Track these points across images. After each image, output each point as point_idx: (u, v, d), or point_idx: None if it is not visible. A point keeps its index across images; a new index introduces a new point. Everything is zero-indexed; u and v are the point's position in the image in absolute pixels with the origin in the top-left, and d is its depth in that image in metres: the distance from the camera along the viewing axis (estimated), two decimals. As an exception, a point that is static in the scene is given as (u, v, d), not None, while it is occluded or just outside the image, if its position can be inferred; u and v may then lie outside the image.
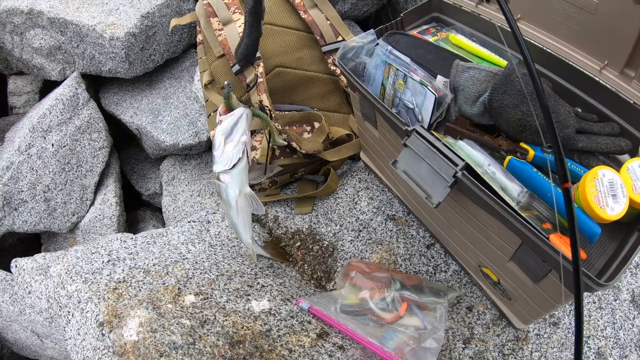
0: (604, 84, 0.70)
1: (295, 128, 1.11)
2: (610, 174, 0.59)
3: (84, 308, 0.74)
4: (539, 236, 0.56)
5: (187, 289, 0.79)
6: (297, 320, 0.79)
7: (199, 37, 1.19)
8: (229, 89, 0.73)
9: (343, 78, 1.16)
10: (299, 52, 1.14)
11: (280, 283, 0.90)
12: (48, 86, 1.53)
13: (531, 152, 0.67)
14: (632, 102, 0.67)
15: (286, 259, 1.01)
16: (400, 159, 0.70)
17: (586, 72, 0.72)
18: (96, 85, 1.57)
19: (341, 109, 1.18)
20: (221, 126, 0.73)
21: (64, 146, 1.33)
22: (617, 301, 0.86)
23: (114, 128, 1.52)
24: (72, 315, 0.75)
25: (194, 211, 1.29)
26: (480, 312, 0.85)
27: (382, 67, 0.81)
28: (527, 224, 0.56)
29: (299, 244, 1.03)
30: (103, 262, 0.83)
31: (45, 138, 1.31)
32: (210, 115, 1.17)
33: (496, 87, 0.68)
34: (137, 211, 1.55)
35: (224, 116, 0.74)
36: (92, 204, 1.38)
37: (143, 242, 0.92)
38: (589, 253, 0.63)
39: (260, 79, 1.03)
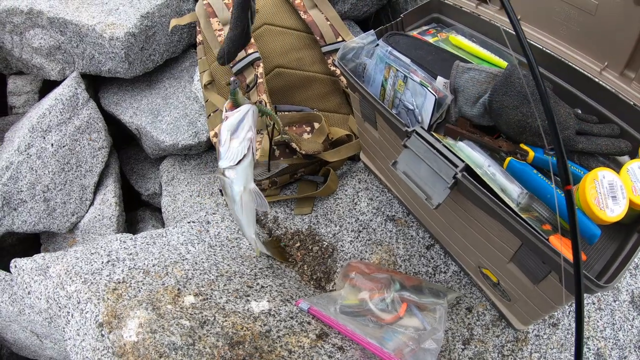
0: (604, 85, 0.70)
1: (295, 128, 1.11)
2: (610, 176, 0.59)
3: (84, 308, 0.74)
4: (538, 237, 0.56)
5: (187, 289, 0.79)
6: (296, 321, 0.79)
7: (199, 38, 1.19)
8: (235, 85, 0.73)
9: (343, 78, 1.16)
10: (298, 53, 1.14)
11: (279, 284, 0.90)
12: (48, 86, 1.53)
13: (531, 153, 0.67)
14: (632, 104, 0.67)
15: (286, 258, 1.01)
16: (400, 160, 0.70)
17: (586, 74, 0.72)
18: (96, 85, 1.57)
19: (341, 109, 1.18)
20: (227, 122, 0.73)
21: (63, 146, 1.33)
22: (617, 302, 0.86)
23: (113, 128, 1.52)
24: (72, 316, 0.75)
25: (193, 211, 1.29)
26: (479, 313, 0.85)
27: (382, 67, 0.81)
28: (527, 225, 0.56)
29: (298, 244, 1.03)
30: (102, 262, 0.83)
31: (44, 138, 1.30)
32: (210, 115, 1.16)
33: (496, 88, 0.68)
34: (136, 211, 1.55)
35: (230, 112, 0.74)
36: (92, 204, 1.38)
37: (143, 243, 0.92)
38: (588, 254, 0.63)
39: (260, 80, 1.03)
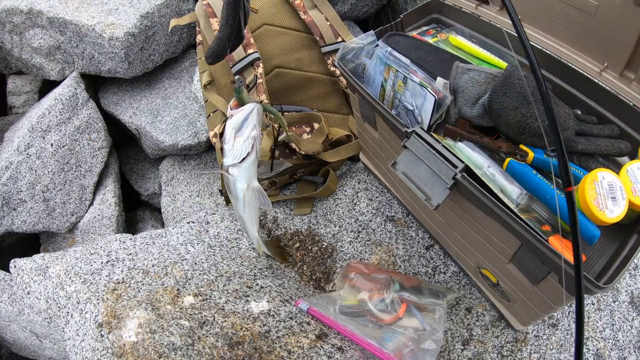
0: (603, 86, 0.70)
1: (294, 129, 1.11)
2: (610, 177, 0.59)
3: (83, 309, 0.74)
4: (538, 238, 0.56)
5: (186, 290, 0.79)
6: (296, 322, 0.79)
7: (199, 38, 1.19)
8: (240, 83, 0.73)
9: (342, 79, 1.16)
10: (298, 53, 1.14)
11: (279, 284, 0.90)
12: (47, 86, 1.53)
13: (531, 154, 0.67)
14: (631, 104, 0.67)
15: (286, 259, 1.01)
16: (399, 160, 0.70)
17: (586, 74, 0.72)
18: (95, 85, 1.57)
19: (340, 109, 1.18)
20: (232, 120, 0.74)
21: (63, 146, 1.33)
22: (616, 303, 0.86)
23: (113, 128, 1.51)
24: (71, 316, 0.75)
25: (193, 212, 1.29)
26: (479, 314, 0.85)
27: (382, 68, 0.81)
28: (526, 226, 0.56)
29: (298, 244, 1.03)
30: (102, 262, 0.83)
31: (44, 138, 1.30)
32: (209, 115, 1.16)
33: (496, 89, 0.68)
34: (136, 211, 1.55)
35: (235, 110, 0.74)
36: (91, 204, 1.38)
37: (142, 243, 0.92)
38: (588, 255, 0.63)
39: (260, 80, 1.03)
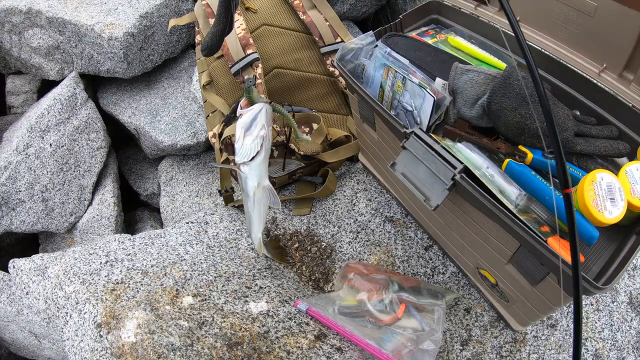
0: (602, 87, 0.70)
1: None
2: (609, 178, 0.59)
3: (82, 309, 0.74)
4: (537, 239, 0.56)
5: (185, 290, 0.79)
6: (295, 322, 0.79)
7: (198, 38, 1.19)
8: (250, 83, 0.74)
9: (342, 79, 1.16)
10: (297, 53, 1.14)
11: (278, 284, 0.90)
12: (46, 86, 1.53)
13: (529, 155, 0.67)
14: (630, 105, 0.67)
15: (284, 259, 1.00)
16: (398, 161, 0.70)
17: (585, 75, 0.72)
18: (94, 85, 1.57)
19: (340, 110, 1.18)
20: (241, 120, 0.75)
21: (62, 146, 1.33)
22: (615, 303, 0.86)
23: (112, 128, 1.51)
24: (70, 316, 0.75)
25: (192, 212, 1.29)
26: (478, 314, 0.86)
27: (381, 69, 0.81)
28: (525, 227, 0.56)
29: (297, 245, 1.03)
30: (101, 263, 0.83)
31: (43, 138, 1.30)
32: (208, 116, 1.16)
33: (495, 89, 0.68)
34: (135, 211, 1.55)
35: (245, 110, 0.75)
36: (90, 204, 1.38)
37: (141, 243, 0.92)
38: (586, 256, 0.63)
39: (259, 80, 1.03)
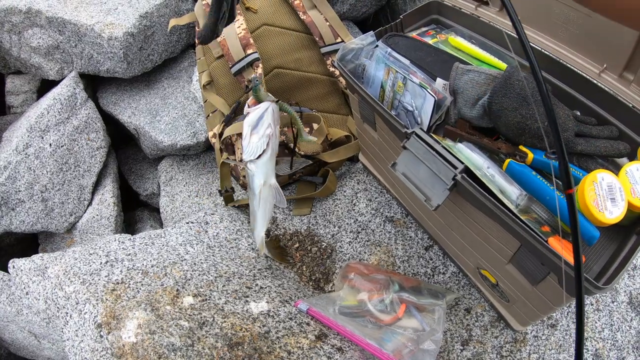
0: (602, 87, 0.70)
1: (294, 129, 1.11)
2: (609, 178, 0.59)
3: (82, 309, 0.74)
4: (537, 239, 0.56)
5: (186, 290, 0.79)
6: (295, 322, 0.79)
7: (198, 38, 1.19)
8: (256, 82, 0.74)
9: (342, 79, 1.16)
10: (297, 53, 1.14)
11: (278, 285, 0.90)
12: (46, 86, 1.52)
13: (530, 155, 0.67)
14: (630, 106, 0.67)
15: (285, 259, 1.00)
16: (399, 161, 0.70)
17: (585, 75, 0.72)
18: (94, 85, 1.56)
19: (340, 110, 1.18)
20: (248, 118, 0.76)
21: (61, 146, 1.33)
22: (615, 303, 0.86)
23: (111, 128, 1.51)
24: (70, 317, 0.75)
25: (192, 212, 1.29)
26: (478, 314, 0.86)
27: (382, 69, 0.81)
28: (526, 226, 0.56)
29: (297, 245, 1.03)
30: (101, 263, 0.83)
31: (42, 138, 1.30)
32: (208, 116, 1.16)
33: (496, 90, 0.68)
34: (134, 211, 1.55)
35: (252, 108, 0.76)
36: (90, 204, 1.38)
37: (141, 243, 0.91)
38: (587, 256, 0.63)
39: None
